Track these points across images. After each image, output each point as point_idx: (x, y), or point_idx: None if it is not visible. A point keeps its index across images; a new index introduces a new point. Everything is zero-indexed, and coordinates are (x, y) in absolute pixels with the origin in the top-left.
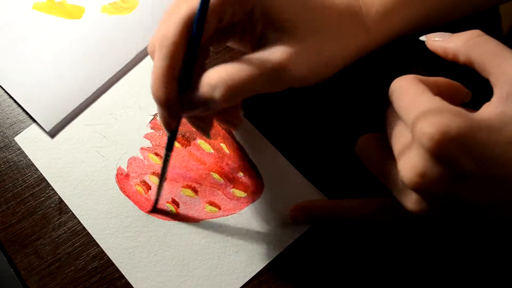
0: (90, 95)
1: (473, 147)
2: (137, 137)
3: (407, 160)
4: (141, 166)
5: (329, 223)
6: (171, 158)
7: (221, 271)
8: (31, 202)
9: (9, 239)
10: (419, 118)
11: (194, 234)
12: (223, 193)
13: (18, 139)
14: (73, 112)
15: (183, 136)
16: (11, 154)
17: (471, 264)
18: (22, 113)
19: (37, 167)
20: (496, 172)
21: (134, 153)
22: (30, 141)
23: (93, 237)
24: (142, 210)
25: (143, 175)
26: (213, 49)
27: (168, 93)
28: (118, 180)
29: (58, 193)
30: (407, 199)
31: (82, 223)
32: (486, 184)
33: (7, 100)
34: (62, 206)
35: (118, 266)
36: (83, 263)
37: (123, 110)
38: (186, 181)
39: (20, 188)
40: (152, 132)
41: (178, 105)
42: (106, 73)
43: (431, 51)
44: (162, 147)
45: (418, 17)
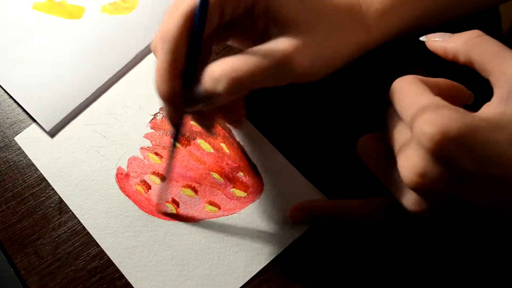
0: (90, 95)
1: (473, 147)
2: (137, 137)
3: (407, 160)
4: (141, 165)
5: (329, 223)
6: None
7: (221, 271)
8: (31, 202)
9: (9, 239)
10: (419, 118)
11: (194, 234)
12: (223, 193)
13: (18, 139)
14: (73, 112)
15: (183, 136)
16: (11, 154)
17: (471, 264)
18: (22, 113)
19: (37, 167)
20: (496, 172)
21: (134, 153)
22: (30, 141)
23: (93, 237)
24: (142, 210)
25: (143, 174)
26: (214, 47)
27: (171, 87)
28: (118, 180)
29: (58, 193)
30: (407, 199)
31: (82, 223)
32: (486, 184)
33: (7, 100)
34: (62, 206)
35: (118, 266)
36: (83, 263)
37: (123, 110)
38: (186, 180)
39: (20, 188)
40: (152, 132)
41: (182, 100)
42: (106, 73)
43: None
44: (162, 147)
45: (418, 16)
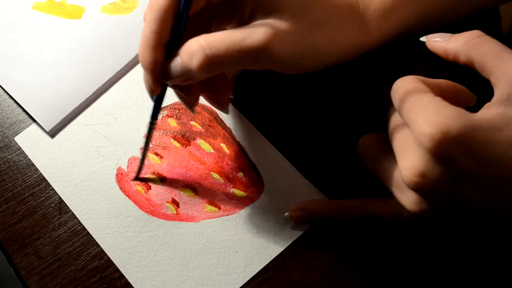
0: (90, 95)
1: (473, 147)
2: (137, 137)
3: (408, 160)
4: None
5: (329, 223)
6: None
7: (221, 271)
8: (31, 202)
9: (9, 239)
10: (420, 118)
11: (194, 234)
12: (223, 193)
13: (18, 139)
14: (73, 112)
15: (183, 136)
16: (11, 154)
17: (471, 264)
18: (22, 113)
19: (37, 167)
20: (497, 172)
21: (134, 153)
22: (30, 141)
23: (93, 237)
24: (142, 210)
25: (143, 175)
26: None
27: (153, 56)
28: (118, 180)
29: (58, 193)
30: (407, 199)
31: (82, 223)
32: (486, 184)
33: (7, 100)
34: (62, 206)
35: (118, 266)
36: (83, 263)
37: (123, 110)
38: (186, 181)
39: (20, 188)
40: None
41: (162, 71)
42: (106, 73)
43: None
44: (162, 147)
45: (418, 16)
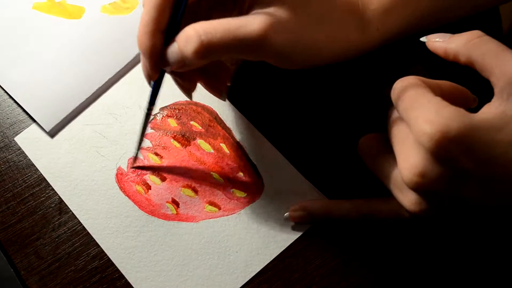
0: (90, 95)
1: (473, 147)
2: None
3: (407, 159)
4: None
5: (329, 223)
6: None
7: (221, 271)
8: (31, 202)
9: (9, 239)
10: (420, 118)
11: (194, 234)
12: (223, 193)
13: (18, 139)
14: (73, 112)
15: (183, 136)
16: (11, 154)
17: (471, 264)
18: (22, 113)
19: (37, 167)
20: (496, 172)
21: (134, 153)
22: (30, 141)
23: (93, 237)
24: (142, 210)
25: (143, 175)
26: None
27: (151, 41)
28: (118, 180)
29: (58, 193)
30: (407, 199)
31: (82, 223)
32: (486, 184)
33: (7, 100)
34: (62, 206)
35: (118, 266)
36: (83, 263)
37: (123, 110)
38: (186, 181)
39: (20, 188)
40: (152, 132)
41: (160, 57)
42: (106, 73)
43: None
44: (162, 147)
45: (418, 16)
